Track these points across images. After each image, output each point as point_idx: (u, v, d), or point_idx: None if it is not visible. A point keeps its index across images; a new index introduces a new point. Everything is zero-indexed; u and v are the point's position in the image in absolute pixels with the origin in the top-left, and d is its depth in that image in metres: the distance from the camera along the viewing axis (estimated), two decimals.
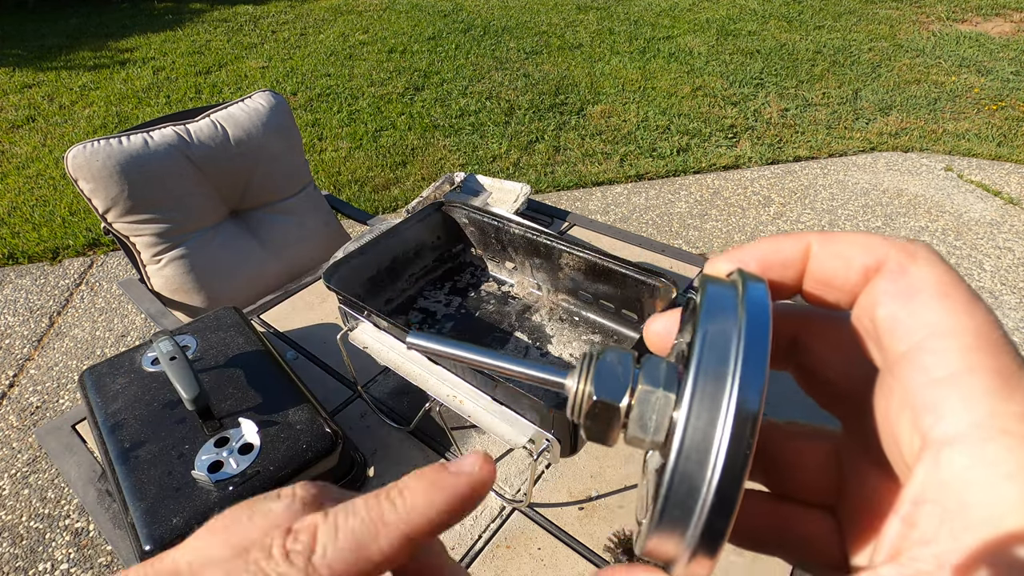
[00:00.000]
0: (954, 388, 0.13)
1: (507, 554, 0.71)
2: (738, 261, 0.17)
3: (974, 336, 0.13)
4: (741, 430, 0.13)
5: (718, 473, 0.13)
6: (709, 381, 0.13)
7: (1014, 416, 0.12)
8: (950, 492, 0.12)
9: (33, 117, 3.68)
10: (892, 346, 0.14)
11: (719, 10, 5.28)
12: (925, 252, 0.15)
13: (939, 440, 0.13)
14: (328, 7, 5.66)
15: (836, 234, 0.16)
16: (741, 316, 0.14)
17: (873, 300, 0.15)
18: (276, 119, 1.49)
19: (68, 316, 2.23)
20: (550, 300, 0.97)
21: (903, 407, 0.14)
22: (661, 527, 0.13)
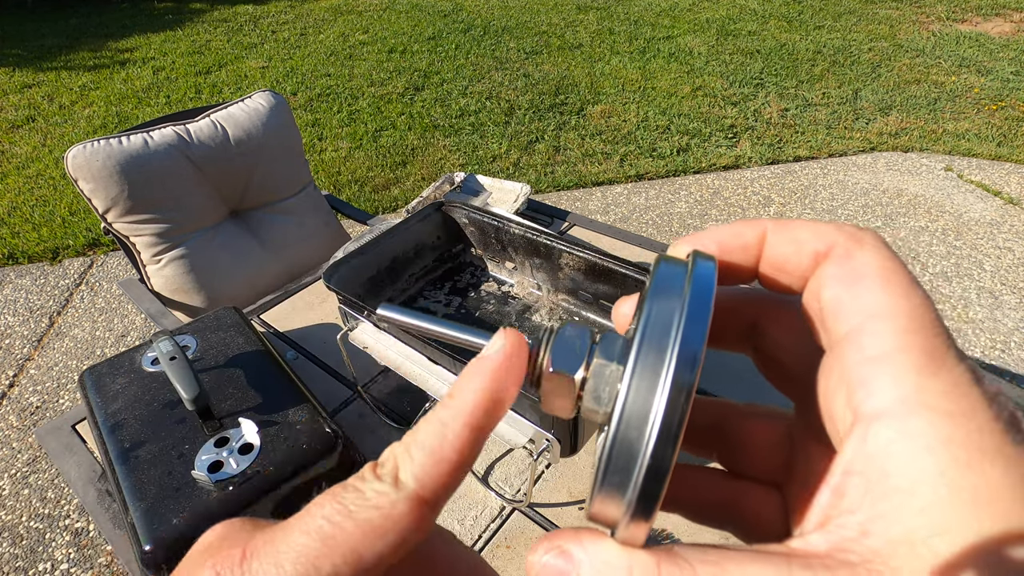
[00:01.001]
0: (885, 366, 0.13)
1: (507, 554, 0.71)
2: (698, 244, 0.18)
3: (908, 318, 0.14)
4: (676, 399, 0.13)
5: (653, 439, 0.13)
6: (650, 353, 0.14)
7: (938, 392, 0.13)
8: (875, 463, 0.13)
9: (33, 117, 3.68)
10: (835, 327, 0.15)
11: (719, 10, 5.28)
12: (871, 239, 0.16)
13: (868, 414, 0.13)
14: (328, 7, 5.66)
15: (790, 221, 0.17)
16: (686, 292, 0.15)
17: (820, 283, 0.16)
18: (276, 119, 1.49)
19: (68, 316, 2.23)
20: (550, 300, 0.97)
21: (840, 384, 0.14)
22: (602, 492, 0.14)
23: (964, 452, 0.12)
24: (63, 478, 1.43)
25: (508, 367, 0.16)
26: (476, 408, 0.16)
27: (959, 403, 0.13)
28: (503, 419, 0.70)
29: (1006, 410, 0.13)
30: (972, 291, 2.23)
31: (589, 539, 0.14)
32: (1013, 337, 2.03)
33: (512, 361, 0.16)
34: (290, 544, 0.14)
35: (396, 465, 0.15)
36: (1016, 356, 1.96)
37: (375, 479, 0.15)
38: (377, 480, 0.15)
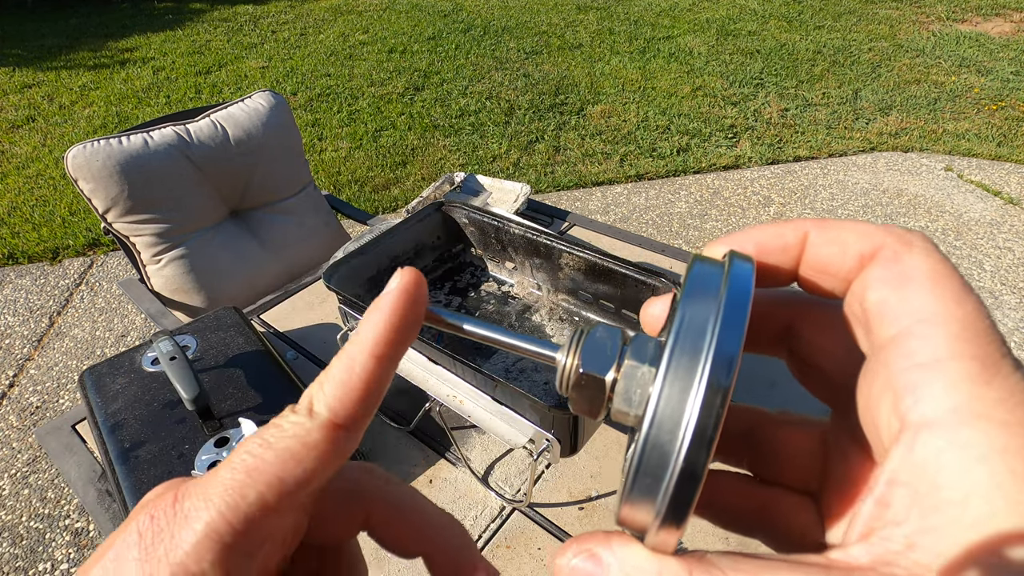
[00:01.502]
0: (936, 373, 0.13)
1: (507, 554, 0.71)
2: (736, 244, 0.17)
3: (961, 325, 0.13)
4: (711, 402, 0.13)
5: (687, 443, 0.13)
6: (684, 355, 0.13)
7: (992, 401, 0.12)
8: (923, 474, 0.13)
9: (33, 117, 3.68)
10: (880, 331, 0.14)
11: (719, 10, 5.28)
12: (921, 241, 0.15)
13: (917, 423, 0.13)
14: (328, 7, 5.66)
15: (833, 221, 0.16)
16: (722, 293, 0.14)
17: (865, 286, 0.15)
18: (276, 119, 1.49)
19: (68, 316, 2.23)
20: (550, 300, 0.97)
21: (885, 390, 0.14)
22: (633, 496, 0.13)
23: (1021, 464, 0.12)
24: (63, 478, 1.43)
25: (406, 301, 0.17)
26: (378, 339, 0.16)
27: (1015, 413, 0.12)
28: (503, 419, 0.70)
29: None
30: None
31: (619, 543, 0.14)
32: (1013, 337, 2.03)
33: (409, 294, 0.17)
34: (218, 480, 0.15)
35: (311, 399, 0.16)
36: (1016, 356, 1.96)
37: (292, 414, 0.16)
38: (293, 414, 0.16)
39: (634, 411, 0.15)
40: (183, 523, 0.14)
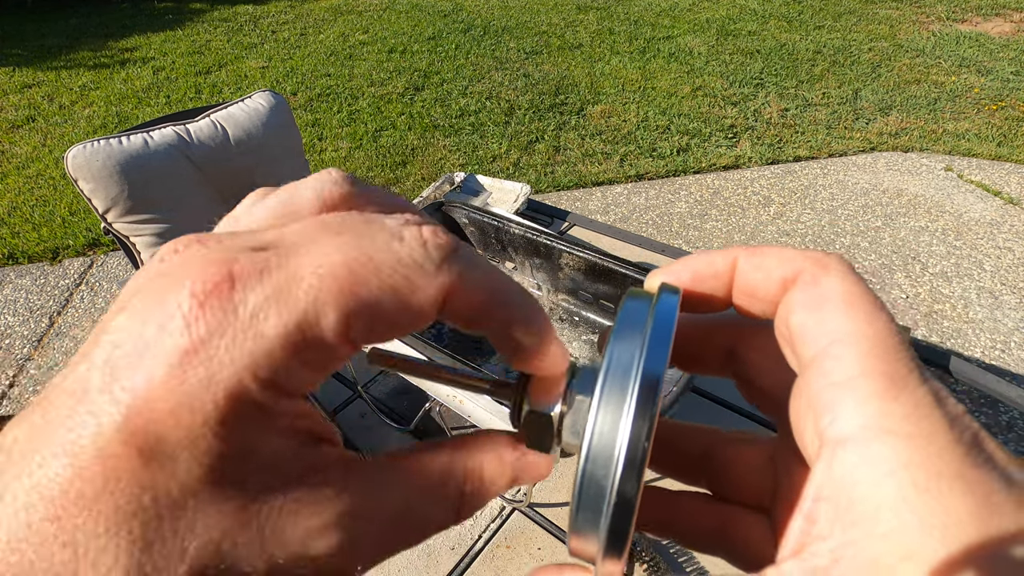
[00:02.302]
0: (848, 391, 0.14)
1: (507, 554, 0.71)
2: (673, 274, 0.18)
3: (871, 342, 0.14)
4: (638, 434, 0.14)
5: (618, 476, 0.13)
6: (613, 391, 0.14)
7: (899, 416, 0.13)
8: (841, 489, 0.13)
9: (33, 117, 3.68)
10: (802, 352, 0.15)
11: (719, 10, 5.28)
12: (836, 264, 0.16)
13: (833, 440, 0.14)
14: (328, 7, 5.66)
15: (760, 248, 0.17)
16: (648, 325, 0.15)
17: (788, 309, 0.16)
18: (276, 119, 1.49)
19: (68, 316, 2.23)
20: (550, 300, 0.97)
21: (808, 409, 0.15)
22: (576, 529, 0.14)
23: (924, 476, 0.12)
24: None
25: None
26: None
27: (919, 426, 0.13)
28: (503, 419, 0.70)
29: (968, 431, 0.13)
30: (972, 291, 2.23)
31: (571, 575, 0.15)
32: (1013, 337, 2.03)
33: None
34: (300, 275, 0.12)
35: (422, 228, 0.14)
36: (1016, 356, 1.96)
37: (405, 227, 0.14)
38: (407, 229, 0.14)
39: (579, 443, 0.16)
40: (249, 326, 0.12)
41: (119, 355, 0.12)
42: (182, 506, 0.12)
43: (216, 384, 0.12)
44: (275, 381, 0.12)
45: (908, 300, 2.21)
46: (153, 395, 0.12)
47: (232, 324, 0.12)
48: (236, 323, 0.12)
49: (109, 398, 0.12)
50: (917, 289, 2.26)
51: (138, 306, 0.13)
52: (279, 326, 0.12)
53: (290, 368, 0.12)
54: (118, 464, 0.11)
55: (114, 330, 0.13)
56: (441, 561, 0.98)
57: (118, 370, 0.12)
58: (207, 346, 0.12)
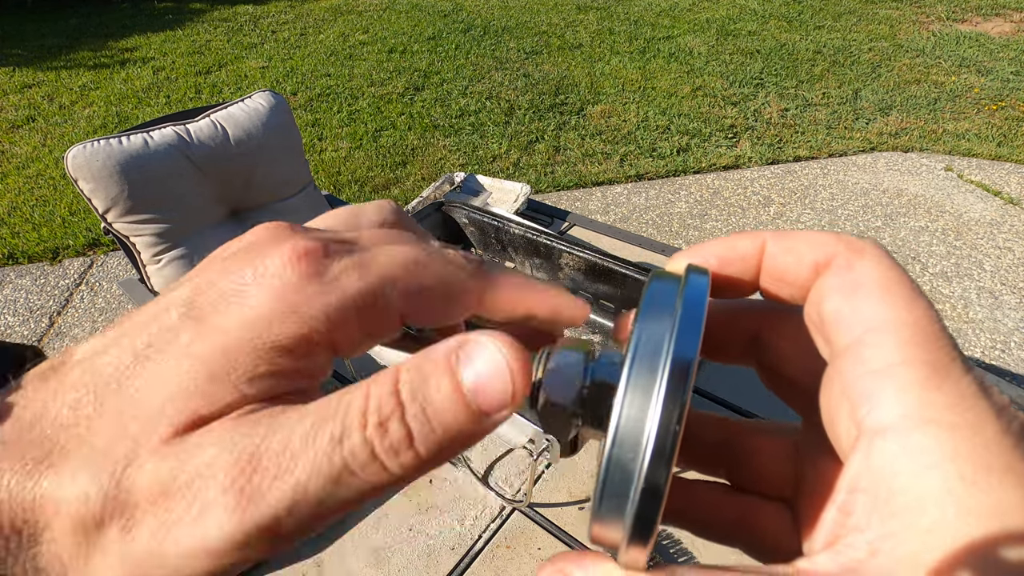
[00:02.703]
0: (888, 379, 0.13)
1: (507, 554, 0.71)
2: (697, 257, 0.18)
3: (911, 330, 0.14)
4: (668, 418, 0.13)
5: (647, 462, 0.13)
6: (642, 373, 0.14)
7: (942, 406, 0.13)
8: (880, 480, 0.13)
9: (33, 117, 3.68)
10: (836, 339, 0.15)
11: (719, 10, 5.28)
12: (872, 248, 0.15)
13: (872, 429, 0.13)
14: (328, 7, 5.66)
15: (790, 232, 0.17)
16: (677, 308, 0.15)
17: (821, 295, 0.15)
18: (276, 119, 1.49)
19: (68, 316, 2.23)
20: None
21: (842, 397, 0.14)
22: (601, 515, 0.14)
23: (971, 468, 0.12)
24: None
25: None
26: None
27: (965, 416, 0.12)
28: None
29: (1016, 421, 0.13)
30: (972, 291, 2.23)
31: (592, 562, 0.15)
32: (1013, 337, 2.03)
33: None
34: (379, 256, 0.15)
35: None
36: (1016, 356, 1.96)
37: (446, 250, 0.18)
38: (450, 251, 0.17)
39: (601, 431, 0.16)
40: (334, 280, 0.14)
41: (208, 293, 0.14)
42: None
43: (294, 314, 0.14)
44: (337, 330, 0.14)
45: None
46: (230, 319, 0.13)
47: (320, 277, 0.14)
48: (324, 277, 0.14)
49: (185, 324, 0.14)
50: None
51: (230, 263, 0.15)
52: (358, 286, 0.14)
53: (352, 323, 0.14)
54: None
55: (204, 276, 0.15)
56: (441, 561, 0.99)
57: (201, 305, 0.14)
58: (299, 290, 0.14)
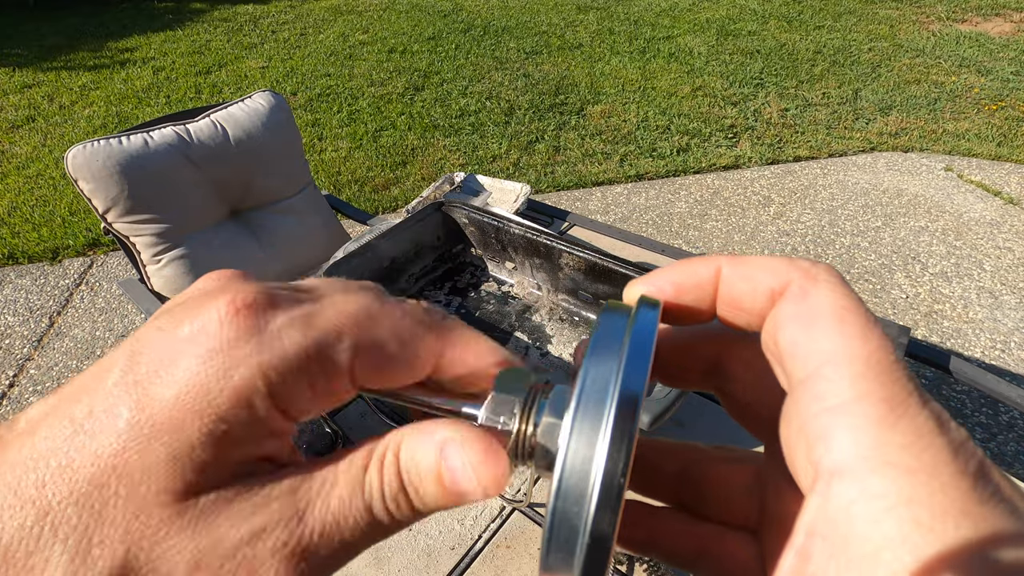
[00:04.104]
0: (843, 417, 0.13)
1: (507, 554, 0.71)
2: (654, 284, 0.17)
3: (865, 363, 0.13)
4: (613, 470, 0.13)
5: (591, 516, 0.13)
6: (587, 416, 0.13)
7: (898, 446, 0.12)
8: (837, 526, 0.12)
9: (33, 117, 3.68)
10: (793, 372, 0.14)
11: (719, 10, 5.28)
12: (826, 275, 0.15)
13: (828, 471, 0.13)
14: (328, 7, 5.66)
15: (744, 258, 0.16)
16: (625, 345, 0.14)
17: (776, 324, 0.15)
18: (276, 119, 1.49)
19: (68, 316, 2.23)
20: (550, 300, 0.97)
21: (800, 435, 0.14)
22: (548, 569, 0.13)
23: (927, 514, 0.12)
24: None
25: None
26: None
27: (921, 458, 0.12)
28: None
29: (973, 459, 0.12)
30: (972, 291, 2.23)
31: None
32: (1013, 337, 2.03)
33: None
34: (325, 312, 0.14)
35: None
36: (1016, 356, 1.96)
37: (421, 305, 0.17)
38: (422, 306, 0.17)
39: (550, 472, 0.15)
40: (273, 338, 0.14)
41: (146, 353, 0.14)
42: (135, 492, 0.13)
43: (228, 378, 0.13)
44: (280, 392, 0.14)
45: (908, 300, 2.21)
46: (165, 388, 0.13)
47: (260, 334, 0.14)
48: (263, 333, 0.14)
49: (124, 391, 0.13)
50: (917, 289, 2.26)
51: (171, 317, 0.14)
52: (300, 342, 0.14)
53: (296, 384, 0.14)
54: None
55: (146, 331, 0.14)
56: (441, 561, 0.99)
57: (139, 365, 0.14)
58: (235, 346, 0.13)
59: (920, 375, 1.90)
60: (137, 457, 0.13)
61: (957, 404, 1.81)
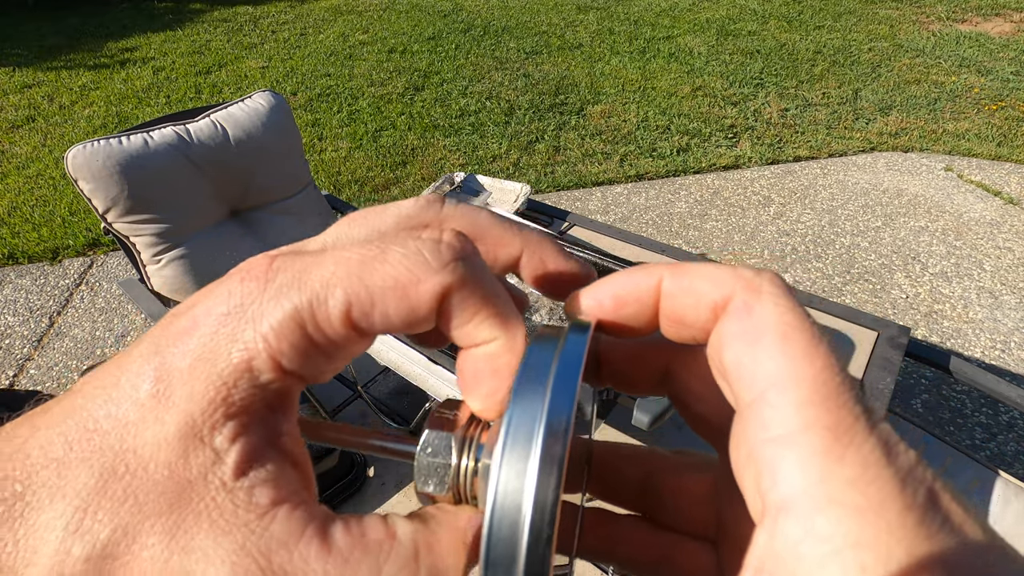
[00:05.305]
0: (789, 448, 0.12)
1: None
2: (594, 298, 0.17)
3: (811, 387, 0.13)
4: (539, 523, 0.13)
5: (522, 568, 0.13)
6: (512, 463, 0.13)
7: (843, 481, 0.12)
8: (784, 565, 0.12)
9: (33, 117, 3.68)
10: (740, 394, 0.14)
11: (719, 10, 5.28)
12: (769, 287, 0.14)
13: (775, 506, 0.13)
14: (328, 7, 5.66)
15: (686, 267, 0.16)
16: (549, 382, 0.14)
17: (720, 341, 0.15)
18: (276, 119, 1.49)
19: (68, 316, 2.23)
20: (550, 300, 0.97)
21: (748, 463, 0.13)
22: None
23: (872, 557, 0.11)
24: None
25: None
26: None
27: (867, 493, 0.12)
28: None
29: (921, 488, 0.12)
30: (972, 291, 2.23)
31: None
32: (1013, 337, 2.03)
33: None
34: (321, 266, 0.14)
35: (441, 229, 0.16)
36: (1016, 356, 1.96)
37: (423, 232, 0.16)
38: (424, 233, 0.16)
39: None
40: (273, 296, 0.14)
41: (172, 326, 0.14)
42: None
43: (234, 343, 0.14)
44: (283, 350, 0.14)
45: (908, 300, 2.21)
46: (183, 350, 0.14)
47: (262, 294, 0.14)
48: (264, 294, 0.14)
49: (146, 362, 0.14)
50: (917, 289, 2.26)
51: (203, 290, 0.15)
52: (294, 302, 0.14)
53: (299, 347, 0.14)
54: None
55: (177, 307, 0.15)
56: None
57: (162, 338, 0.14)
58: (240, 311, 0.14)
59: (920, 375, 1.90)
60: (150, 429, 0.13)
61: (957, 404, 1.81)
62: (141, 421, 0.13)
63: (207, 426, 0.13)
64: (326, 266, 0.14)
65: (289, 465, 0.15)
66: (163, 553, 0.12)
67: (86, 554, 0.12)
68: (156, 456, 0.13)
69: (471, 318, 0.15)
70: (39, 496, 0.13)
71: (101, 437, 0.13)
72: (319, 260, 0.15)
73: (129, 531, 0.12)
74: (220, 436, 0.13)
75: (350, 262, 0.14)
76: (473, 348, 0.16)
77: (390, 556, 0.14)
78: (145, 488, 0.13)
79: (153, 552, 0.12)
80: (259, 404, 0.14)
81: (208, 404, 0.13)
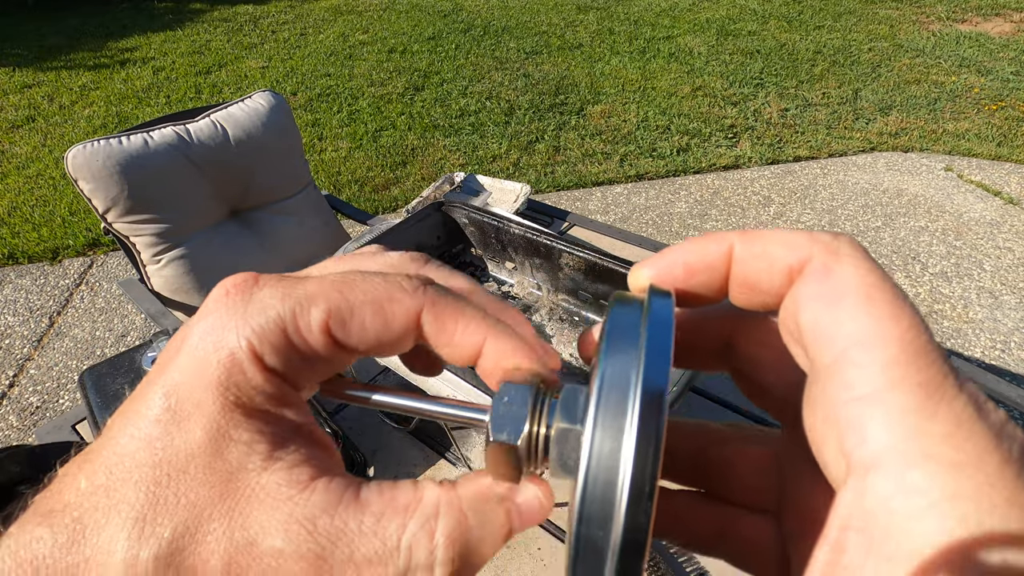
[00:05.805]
0: (876, 406, 0.12)
1: (507, 554, 0.71)
2: (664, 266, 0.16)
3: (898, 346, 0.12)
4: (642, 477, 0.12)
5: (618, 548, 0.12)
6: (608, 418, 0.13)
7: (937, 437, 0.12)
8: (875, 521, 0.12)
9: (33, 117, 3.68)
10: (817, 356, 0.14)
11: (719, 10, 5.28)
12: (849, 249, 0.14)
13: (862, 464, 0.12)
14: (328, 7, 5.66)
15: (758, 233, 0.15)
16: (642, 342, 0.13)
17: (796, 304, 0.14)
18: (276, 119, 1.49)
19: (68, 316, 2.23)
20: (550, 300, 0.97)
21: (828, 424, 0.13)
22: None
23: (974, 509, 0.11)
24: None
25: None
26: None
27: (964, 448, 0.12)
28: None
29: (1016, 443, 0.12)
30: (972, 291, 2.23)
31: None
32: (1013, 337, 2.03)
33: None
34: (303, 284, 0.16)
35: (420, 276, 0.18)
36: (1016, 356, 1.96)
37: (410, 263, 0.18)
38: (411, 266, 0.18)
39: (572, 477, 0.14)
40: (257, 306, 0.15)
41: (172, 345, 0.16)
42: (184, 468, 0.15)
43: (222, 349, 0.15)
44: (266, 354, 0.15)
45: None
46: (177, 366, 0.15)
47: (246, 306, 0.15)
48: (248, 306, 0.15)
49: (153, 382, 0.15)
50: (917, 289, 2.26)
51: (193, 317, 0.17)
52: (277, 307, 0.15)
53: (280, 350, 0.15)
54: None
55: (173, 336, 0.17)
56: None
57: (164, 354, 0.16)
58: (224, 321, 0.15)
59: None
60: (176, 439, 0.15)
61: None
62: (165, 435, 0.15)
63: (230, 425, 0.15)
64: (310, 284, 0.16)
65: (317, 447, 0.16)
66: (227, 532, 0.14)
67: (154, 554, 0.14)
68: (193, 460, 0.14)
69: (453, 329, 0.16)
70: (95, 519, 0.14)
71: (131, 457, 0.15)
72: (303, 280, 0.16)
73: (190, 525, 0.14)
74: (244, 431, 0.15)
75: (333, 281, 0.16)
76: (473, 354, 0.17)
77: (415, 514, 0.15)
78: (194, 488, 0.14)
79: (217, 534, 0.14)
80: (266, 402, 0.15)
81: (223, 407, 0.15)
